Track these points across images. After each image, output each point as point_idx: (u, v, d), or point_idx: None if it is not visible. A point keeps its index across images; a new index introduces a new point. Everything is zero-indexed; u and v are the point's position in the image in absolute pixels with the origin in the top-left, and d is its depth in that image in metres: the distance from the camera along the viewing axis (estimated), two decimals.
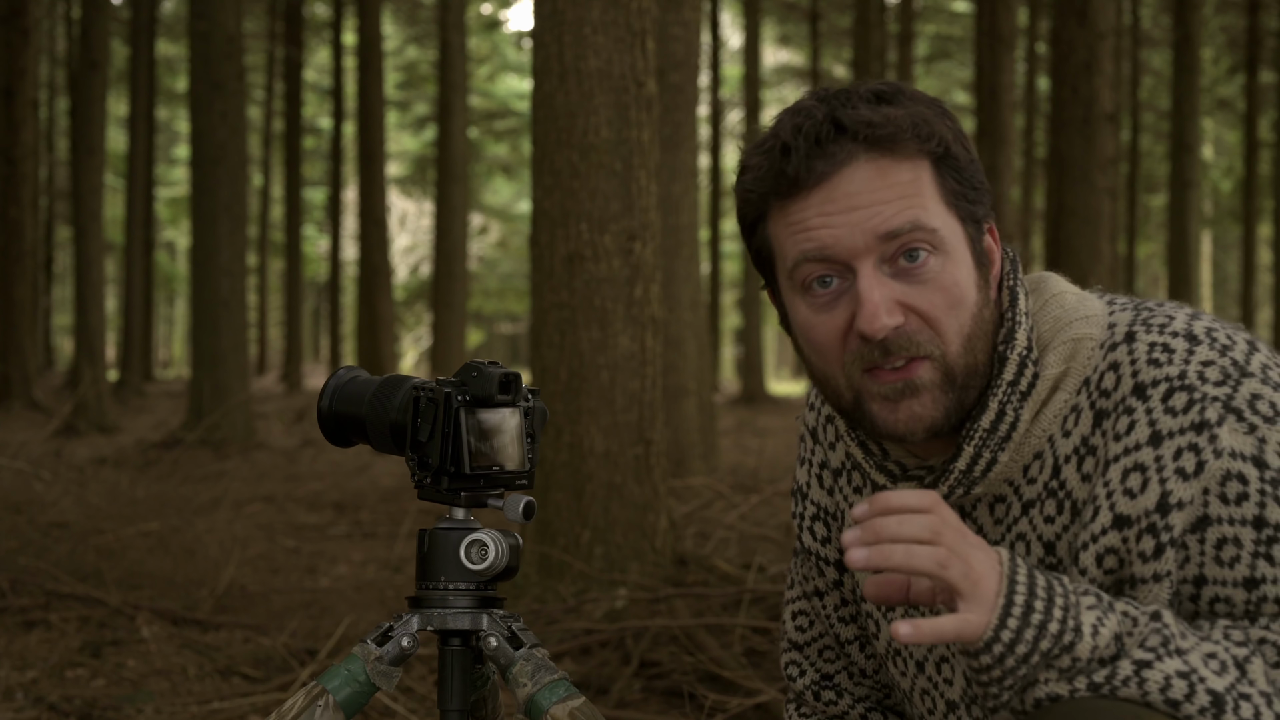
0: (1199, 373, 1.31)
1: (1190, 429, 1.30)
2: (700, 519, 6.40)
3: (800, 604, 1.70)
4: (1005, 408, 1.37)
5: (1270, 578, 1.28)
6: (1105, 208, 8.68)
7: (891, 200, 1.33)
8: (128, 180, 20.71)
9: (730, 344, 41.93)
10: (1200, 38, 19.44)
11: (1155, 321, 1.36)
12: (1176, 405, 1.31)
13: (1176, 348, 1.33)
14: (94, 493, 7.91)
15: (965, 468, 1.39)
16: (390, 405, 1.58)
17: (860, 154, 1.33)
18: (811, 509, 1.63)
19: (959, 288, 1.35)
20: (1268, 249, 31.91)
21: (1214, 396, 1.30)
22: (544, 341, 4.57)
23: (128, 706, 3.53)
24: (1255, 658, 1.27)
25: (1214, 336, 1.34)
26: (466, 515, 1.58)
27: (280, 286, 34.08)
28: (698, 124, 8.31)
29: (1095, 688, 1.25)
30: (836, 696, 1.70)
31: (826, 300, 1.36)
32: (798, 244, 1.35)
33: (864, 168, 1.33)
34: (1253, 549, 1.29)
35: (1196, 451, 1.29)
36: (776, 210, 1.38)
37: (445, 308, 17.80)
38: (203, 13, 11.19)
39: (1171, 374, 1.32)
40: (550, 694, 1.53)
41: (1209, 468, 1.29)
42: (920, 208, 1.33)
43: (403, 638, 1.57)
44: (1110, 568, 1.33)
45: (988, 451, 1.38)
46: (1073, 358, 1.38)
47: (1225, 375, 1.31)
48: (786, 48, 33.61)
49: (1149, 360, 1.33)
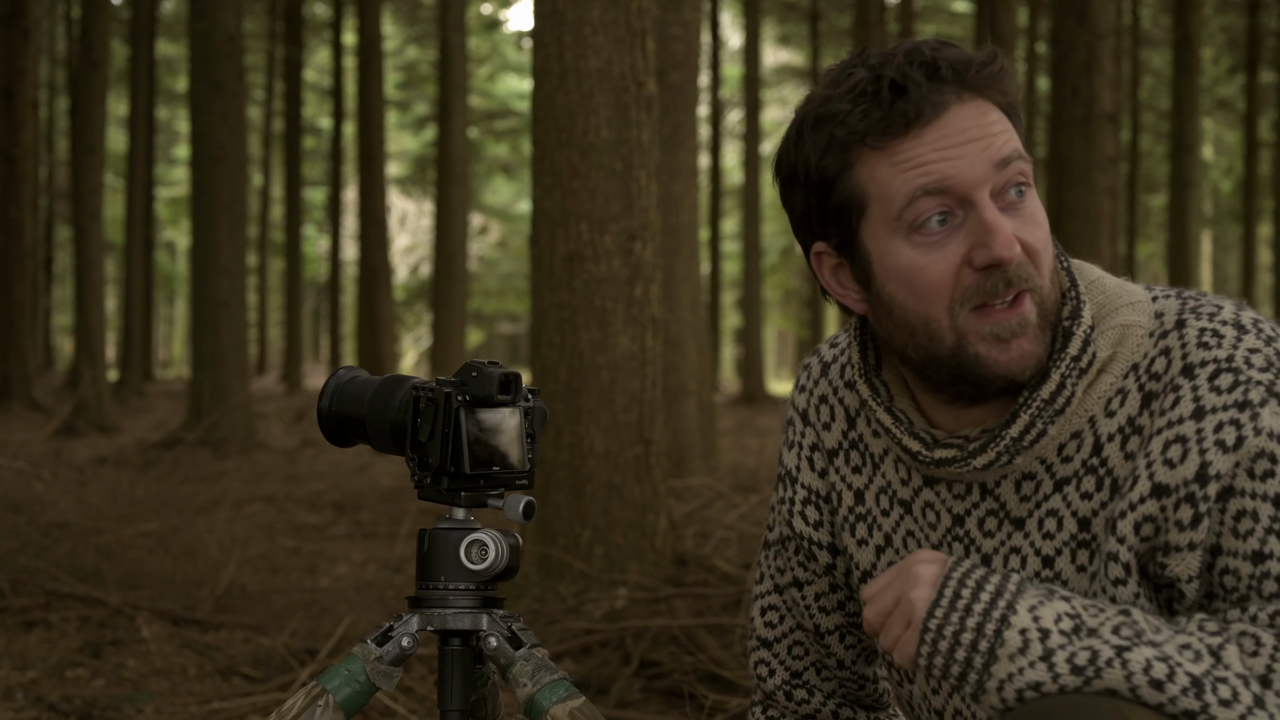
0: (1246, 358, 1.36)
1: (1234, 406, 1.34)
2: (700, 519, 6.40)
3: (771, 598, 1.70)
4: (1066, 381, 1.41)
5: (1277, 555, 1.32)
6: (1105, 208, 8.68)
7: (998, 133, 1.38)
8: (128, 180, 20.71)
9: (730, 344, 41.93)
10: (1200, 38, 19.44)
11: (1204, 310, 1.42)
12: (1222, 385, 1.36)
13: (1226, 334, 1.38)
14: (94, 493, 7.91)
15: (1018, 435, 1.41)
16: (390, 405, 1.58)
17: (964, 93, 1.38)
18: (803, 493, 1.63)
19: (1046, 224, 1.42)
20: (1268, 249, 31.92)
21: (1259, 380, 1.35)
22: (544, 341, 4.57)
23: (128, 706, 3.53)
24: (1230, 645, 1.30)
25: (1260, 327, 1.40)
26: (466, 515, 1.58)
27: (280, 286, 34.08)
28: (698, 124, 8.31)
29: (1079, 670, 1.29)
30: (808, 695, 1.70)
31: (940, 238, 1.38)
32: (912, 180, 1.37)
33: (969, 105, 1.38)
34: (1267, 524, 1.33)
35: (1238, 426, 1.34)
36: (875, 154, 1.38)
37: (445, 308, 17.79)
38: (203, 13, 11.20)
39: (1220, 356, 1.37)
40: (550, 694, 1.53)
41: (1248, 443, 1.33)
42: (1017, 141, 1.40)
43: (403, 638, 1.57)
44: (1147, 535, 1.37)
45: (1041, 422, 1.41)
46: (1121, 343, 1.42)
47: (1270, 363, 1.36)
48: (786, 48, 33.60)
49: (1199, 344, 1.38)
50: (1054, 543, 1.43)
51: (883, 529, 1.56)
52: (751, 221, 20.96)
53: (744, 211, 21.66)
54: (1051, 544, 1.43)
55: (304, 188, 28.43)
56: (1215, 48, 25.91)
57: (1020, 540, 1.45)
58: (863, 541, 1.58)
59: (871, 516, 1.57)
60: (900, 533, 1.55)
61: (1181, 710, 1.27)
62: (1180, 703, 1.27)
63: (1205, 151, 31.89)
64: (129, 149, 20.88)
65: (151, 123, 22.85)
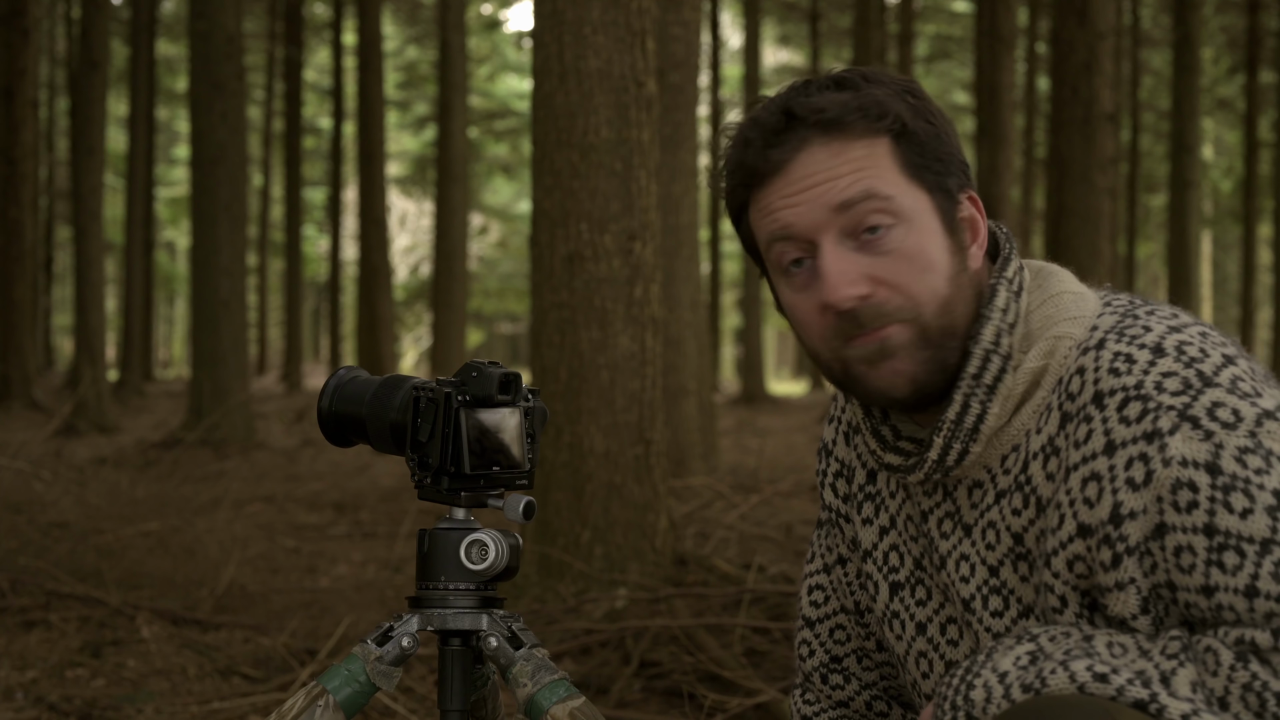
0: (1156, 383, 1.32)
1: (1142, 438, 1.31)
2: (700, 519, 6.40)
3: (818, 578, 1.71)
4: (970, 400, 1.41)
5: (1223, 585, 1.28)
6: (1105, 208, 8.68)
7: (846, 174, 1.39)
8: (128, 180, 20.71)
9: (730, 344, 41.92)
10: (1200, 38, 19.44)
11: (1130, 331, 1.37)
12: (1130, 415, 1.32)
13: (1139, 359, 1.34)
14: (94, 493, 7.91)
15: (937, 458, 1.44)
16: (390, 405, 1.58)
17: (814, 138, 1.40)
18: (835, 465, 1.66)
19: (925, 255, 1.40)
20: (1268, 249, 31.90)
21: (1169, 405, 1.30)
22: (544, 341, 4.57)
23: (128, 706, 3.53)
24: (1185, 667, 1.28)
25: (1184, 349, 1.34)
26: (467, 515, 1.58)
27: (280, 286, 34.07)
28: (698, 124, 8.31)
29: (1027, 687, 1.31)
30: (844, 681, 1.71)
31: (803, 280, 1.43)
32: (766, 227, 1.43)
33: (818, 150, 1.40)
34: (1205, 556, 1.28)
35: (1146, 461, 1.30)
36: (752, 201, 1.46)
37: (445, 308, 17.79)
38: (203, 13, 11.19)
39: (1129, 384, 1.33)
40: (550, 694, 1.53)
41: (1157, 477, 1.30)
42: (875, 178, 1.39)
43: (403, 638, 1.57)
44: (1081, 573, 1.36)
45: (957, 443, 1.42)
46: (1051, 354, 1.41)
47: (1186, 385, 1.31)
48: (786, 48, 33.60)
49: (1110, 369, 1.35)
50: (995, 554, 1.44)
51: (889, 510, 1.58)
52: None
53: None
54: (994, 555, 1.44)
55: (304, 188, 28.43)
56: (1215, 48, 25.90)
57: (968, 547, 1.47)
58: (868, 520, 1.60)
59: (881, 497, 1.59)
60: (902, 516, 1.57)
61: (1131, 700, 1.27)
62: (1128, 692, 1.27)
63: (1205, 151, 31.89)
64: (129, 149, 20.88)
65: (151, 123, 22.84)
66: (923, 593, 1.55)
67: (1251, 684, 1.26)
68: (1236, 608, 1.28)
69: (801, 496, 7.83)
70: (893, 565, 1.57)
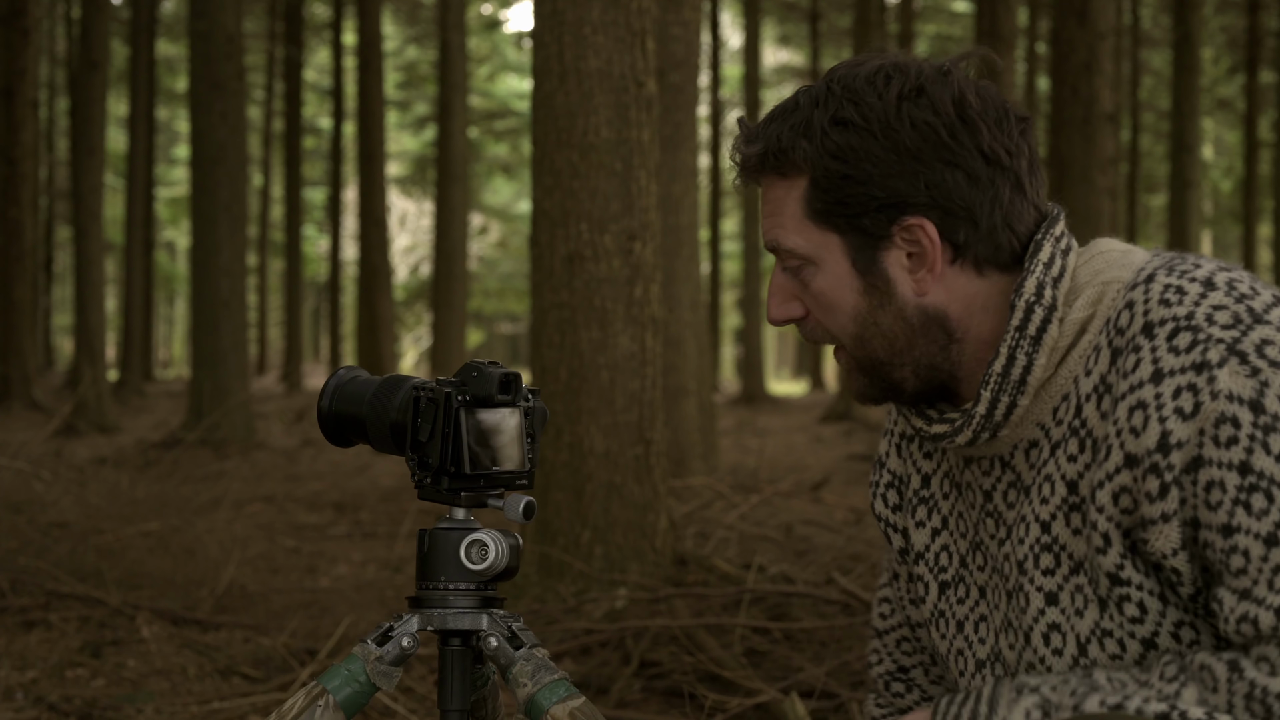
0: (1208, 315, 1.32)
1: (1191, 368, 1.30)
2: (700, 519, 6.40)
3: (886, 591, 1.74)
4: (1016, 352, 1.41)
5: (1244, 527, 1.28)
6: (1105, 208, 8.68)
7: (768, 217, 1.49)
8: (128, 180, 20.71)
9: (730, 344, 41.93)
10: (1200, 38, 19.43)
11: (1180, 267, 1.37)
12: (1180, 344, 1.31)
13: (1190, 291, 1.34)
14: (94, 493, 7.91)
15: (985, 412, 1.44)
16: (390, 405, 1.58)
17: (754, 173, 1.49)
18: (887, 477, 1.67)
19: (826, 297, 1.47)
20: (1268, 249, 31.91)
21: (1219, 339, 1.30)
22: (544, 341, 4.57)
23: (128, 706, 3.53)
24: (1187, 686, 1.29)
25: (1234, 285, 1.34)
26: (467, 515, 1.58)
27: (280, 286, 34.07)
28: (698, 124, 8.31)
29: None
30: (905, 690, 1.74)
31: None
32: None
33: (762, 182, 1.49)
34: (1234, 495, 1.28)
35: (1195, 392, 1.30)
36: None
37: (445, 308, 17.79)
38: (203, 13, 11.19)
39: (1180, 314, 1.33)
40: (550, 694, 1.53)
41: (1205, 409, 1.29)
42: (780, 228, 1.47)
43: (403, 638, 1.57)
44: (1126, 507, 1.35)
45: (1005, 396, 1.43)
46: (1099, 301, 1.41)
47: (1236, 319, 1.31)
48: (786, 48, 33.61)
49: (1161, 300, 1.35)
50: (1049, 507, 1.43)
51: (940, 511, 1.59)
52: (751, 221, 20.95)
53: (744, 211, 21.66)
54: (1047, 509, 1.43)
55: (304, 188, 28.43)
56: (1215, 48, 25.90)
57: (1026, 508, 1.46)
58: (921, 524, 1.61)
59: (934, 500, 1.60)
60: (955, 514, 1.58)
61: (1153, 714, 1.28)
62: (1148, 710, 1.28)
63: (1205, 151, 31.89)
64: (129, 149, 20.88)
65: (151, 123, 22.85)
66: (963, 590, 1.55)
67: (1252, 693, 1.26)
68: (1251, 553, 1.27)
69: (801, 496, 7.84)
70: (942, 565, 1.58)
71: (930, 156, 1.40)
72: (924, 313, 1.45)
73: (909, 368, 1.46)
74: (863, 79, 1.42)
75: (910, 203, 1.41)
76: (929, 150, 1.40)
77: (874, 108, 1.41)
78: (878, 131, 1.40)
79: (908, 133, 1.40)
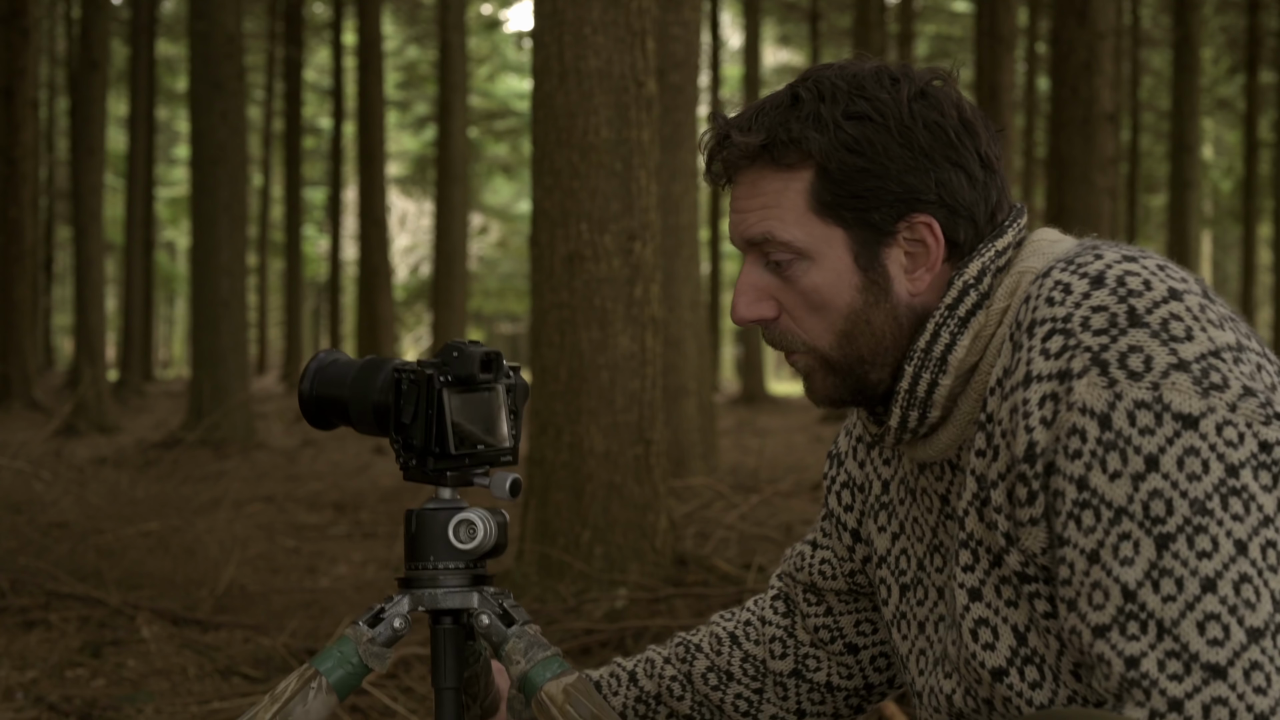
0: (1084, 319, 1.30)
1: (1056, 376, 1.30)
2: (700, 519, 6.40)
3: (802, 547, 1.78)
4: (941, 330, 1.42)
5: (1073, 541, 1.28)
6: (1105, 208, 8.68)
7: (754, 210, 1.45)
8: (128, 180, 20.72)
9: (730, 344, 41.93)
10: (1200, 38, 19.45)
11: (1079, 260, 1.36)
12: (1052, 348, 1.31)
13: (1075, 289, 1.32)
14: (94, 493, 7.91)
15: (908, 387, 1.44)
16: (372, 387, 1.58)
17: (745, 163, 1.45)
18: (843, 476, 1.69)
19: (819, 293, 1.44)
20: (1268, 249, 31.91)
21: (1086, 346, 1.29)
22: (544, 341, 4.57)
23: (128, 706, 3.53)
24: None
25: (1125, 281, 1.31)
26: (453, 495, 1.59)
27: (280, 286, 34.07)
28: (698, 124, 8.31)
29: None
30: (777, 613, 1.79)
31: None
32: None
33: (746, 175, 1.46)
34: (1069, 508, 1.28)
35: (1055, 400, 1.29)
36: None
37: (445, 308, 17.80)
38: (203, 13, 11.20)
39: (1059, 315, 1.32)
40: (544, 670, 1.53)
41: (1060, 418, 1.29)
42: (776, 219, 1.43)
43: (394, 619, 1.57)
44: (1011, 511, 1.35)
45: (927, 373, 1.43)
46: (1014, 292, 1.42)
47: (1110, 323, 1.29)
48: (786, 48, 33.61)
49: (1046, 298, 1.34)
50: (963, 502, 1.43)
51: (898, 516, 1.60)
52: None
53: None
54: (962, 503, 1.43)
55: (304, 188, 28.43)
56: (1215, 48, 25.90)
57: (956, 502, 1.48)
58: (882, 528, 1.62)
59: (893, 505, 1.61)
60: (910, 519, 1.58)
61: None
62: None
63: (1205, 151, 31.90)
64: (129, 149, 20.88)
65: (151, 123, 22.85)
66: (921, 593, 1.56)
67: None
68: (1075, 567, 1.28)
69: (801, 496, 7.83)
70: (902, 568, 1.60)
71: (939, 156, 1.42)
72: (914, 313, 1.45)
73: (888, 368, 1.46)
74: (868, 77, 1.43)
75: (921, 200, 1.42)
76: (939, 150, 1.42)
77: (888, 104, 1.41)
78: (894, 128, 1.41)
79: (921, 131, 1.41)
